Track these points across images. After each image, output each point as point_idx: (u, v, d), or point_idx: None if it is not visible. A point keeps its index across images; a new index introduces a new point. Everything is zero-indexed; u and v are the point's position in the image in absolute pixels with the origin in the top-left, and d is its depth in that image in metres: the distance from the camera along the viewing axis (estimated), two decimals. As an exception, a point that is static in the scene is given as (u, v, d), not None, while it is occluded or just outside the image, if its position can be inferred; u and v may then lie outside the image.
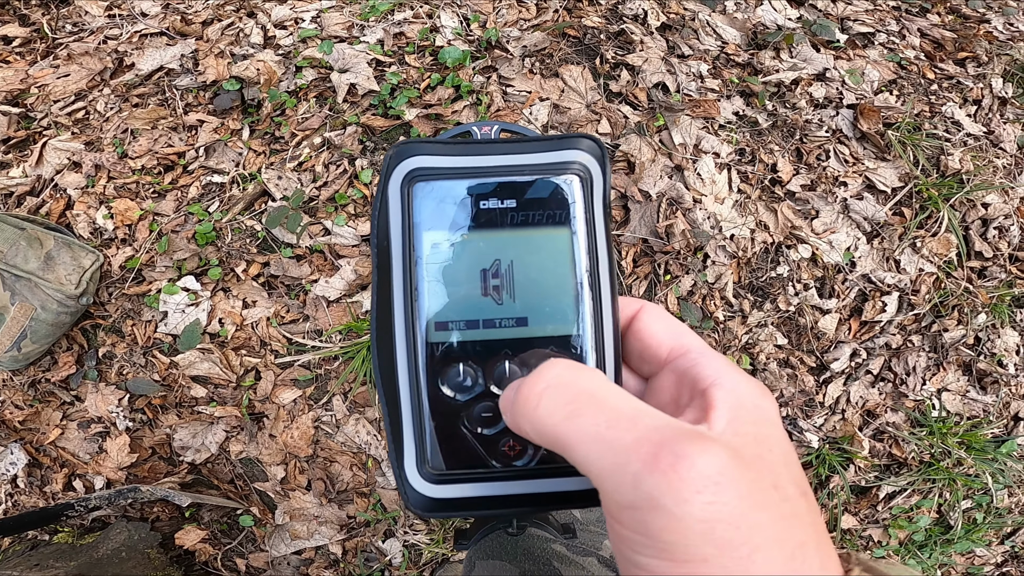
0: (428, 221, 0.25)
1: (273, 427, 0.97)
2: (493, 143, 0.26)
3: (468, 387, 0.24)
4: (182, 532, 0.92)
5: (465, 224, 0.25)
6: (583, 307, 0.25)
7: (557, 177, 0.25)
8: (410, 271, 0.25)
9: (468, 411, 0.24)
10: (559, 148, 0.26)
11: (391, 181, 0.26)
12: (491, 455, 0.24)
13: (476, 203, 0.25)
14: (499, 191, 0.25)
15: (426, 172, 0.25)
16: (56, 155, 1.00)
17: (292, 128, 1.05)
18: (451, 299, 0.24)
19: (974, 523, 1.29)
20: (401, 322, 0.25)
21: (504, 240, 0.25)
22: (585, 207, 0.25)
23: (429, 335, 0.24)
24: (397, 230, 0.25)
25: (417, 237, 0.25)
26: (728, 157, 1.15)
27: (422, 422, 0.24)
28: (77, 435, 0.93)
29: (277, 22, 1.15)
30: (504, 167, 0.26)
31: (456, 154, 0.26)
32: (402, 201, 0.25)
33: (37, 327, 0.88)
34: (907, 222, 1.25)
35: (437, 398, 0.24)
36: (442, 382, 0.24)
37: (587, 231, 0.25)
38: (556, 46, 1.18)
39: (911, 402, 1.28)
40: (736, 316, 1.12)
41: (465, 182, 0.25)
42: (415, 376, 0.24)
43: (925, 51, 1.44)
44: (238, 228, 0.99)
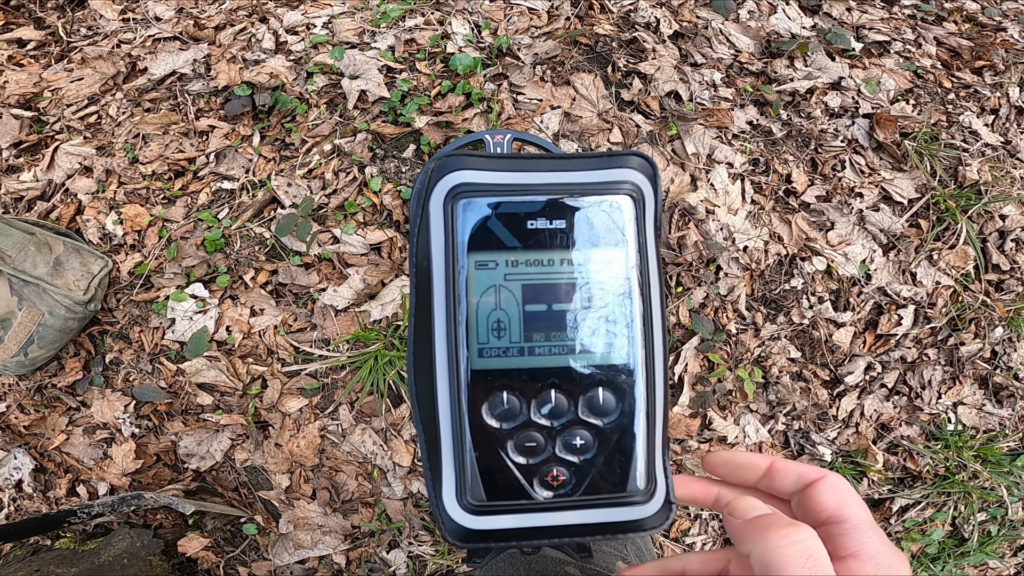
0: (473, 240, 0.23)
1: (279, 436, 0.95)
2: (541, 158, 0.24)
3: (512, 415, 0.23)
4: (185, 539, 0.90)
5: (512, 245, 0.23)
6: (634, 335, 0.23)
7: (609, 197, 0.24)
8: (453, 293, 0.23)
9: (511, 440, 0.23)
10: (610, 166, 0.24)
11: (433, 197, 0.24)
12: (533, 485, 0.23)
13: (524, 222, 0.23)
14: (549, 211, 0.23)
15: (471, 188, 0.24)
16: (68, 159, 0.99)
17: (302, 134, 1.03)
18: (495, 324, 0.23)
19: (988, 535, 1.26)
20: (443, 347, 0.23)
21: (553, 263, 0.23)
22: (637, 229, 0.24)
23: (473, 362, 0.23)
24: (439, 249, 0.24)
25: (461, 257, 0.23)
26: (742, 167, 1.12)
27: (463, 451, 0.23)
28: (82, 441, 0.91)
29: (289, 27, 1.14)
30: (554, 185, 0.24)
31: (503, 169, 0.24)
32: (445, 219, 0.24)
33: (44, 333, 0.87)
34: (924, 234, 1.21)
35: (479, 427, 0.23)
36: (485, 410, 0.23)
37: (639, 255, 0.24)
38: (567, 54, 1.16)
39: (926, 415, 1.24)
40: (749, 329, 1.09)
41: (513, 200, 0.23)
42: (457, 404, 0.23)
43: (942, 60, 1.40)
44: (247, 235, 0.97)
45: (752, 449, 1.15)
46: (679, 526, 1.12)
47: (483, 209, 0.23)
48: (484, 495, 0.23)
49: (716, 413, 1.10)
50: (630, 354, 0.23)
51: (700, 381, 1.09)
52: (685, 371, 1.06)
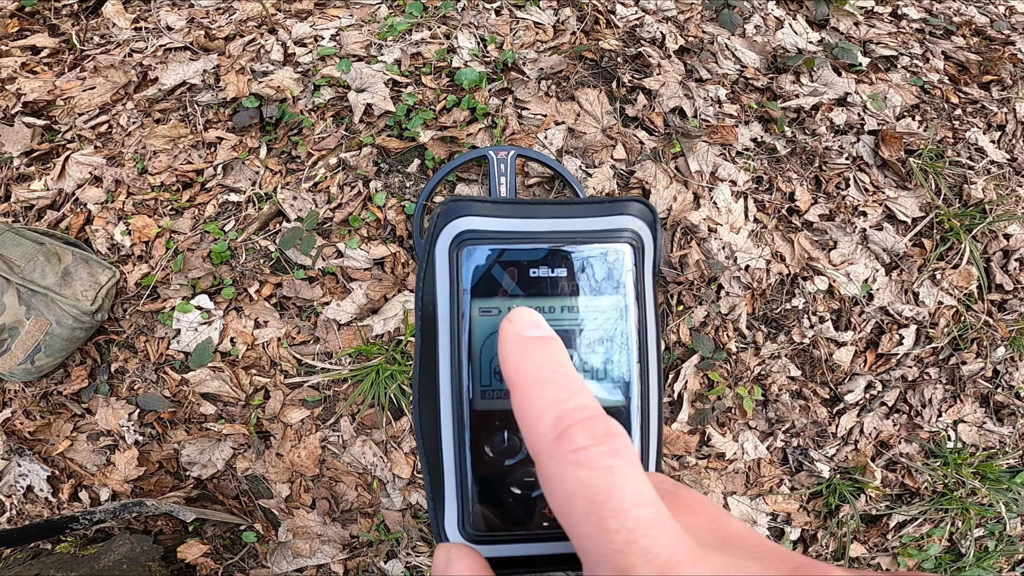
0: (476, 287, 0.24)
1: (280, 446, 0.95)
2: (544, 204, 0.25)
3: (512, 452, 0.24)
4: (184, 546, 0.91)
5: (514, 292, 0.24)
6: (632, 379, 0.24)
7: (609, 245, 0.25)
8: (457, 339, 0.24)
9: (511, 475, 0.24)
10: (611, 213, 0.25)
11: (439, 243, 0.25)
12: (532, 517, 0.24)
13: (526, 270, 0.24)
14: (550, 259, 0.24)
15: (475, 235, 0.24)
16: (79, 169, 0.99)
17: (308, 148, 1.03)
18: (498, 368, 0.24)
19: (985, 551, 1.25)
20: (447, 389, 0.24)
21: (554, 310, 0.24)
22: (636, 277, 0.25)
23: (475, 403, 0.24)
24: (444, 294, 0.25)
25: (465, 303, 0.24)
26: (745, 185, 1.11)
27: (465, 485, 0.24)
28: (86, 447, 0.92)
29: (297, 39, 1.14)
30: (555, 233, 0.25)
31: (506, 216, 0.25)
32: (450, 264, 0.24)
33: (51, 341, 0.87)
34: (927, 253, 1.20)
35: (481, 463, 0.24)
36: (487, 448, 0.24)
37: (637, 302, 0.25)
38: (573, 68, 1.15)
39: (926, 433, 1.23)
40: (749, 347, 1.08)
41: (516, 247, 0.24)
42: (460, 441, 0.24)
43: (949, 74, 1.38)
44: (252, 248, 0.97)
45: (750, 465, 1.15)
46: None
47: (487, 257, 0.24)
48: (484, 525, 0.24)
49: (715, 430, 1.10)
50: (626, 396, 0.24)
51: (699, 398, 1.08)
52: (685, 388, 1.06)
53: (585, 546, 0.15)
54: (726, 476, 1.13)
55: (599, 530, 0.15)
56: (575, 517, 0.15)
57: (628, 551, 0.14)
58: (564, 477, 0.16)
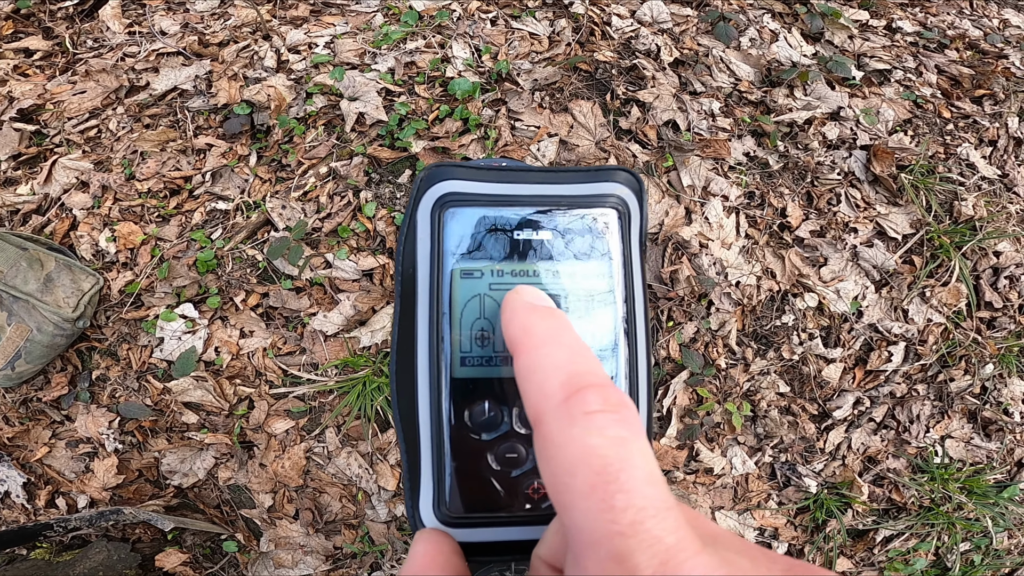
0: (459, 249, 0.22)
1: (264, 456, 0.92)
2: (529, 171, 0.24)
3: (493, 425, 0.21)
4: (163, 554, 0.88)
5: (498, 254, 0.22)
6: (618, 348, 0.23)
7: (594, 210, 0.23)
8: (437, 301, 0.22)
9: (492, 450, 0.21)
10: (596, 180, 0.24)
11: (421, 205, 0.23)
12: (514, 498, 0.21)
13: (510, 233, 0.23)
14: (535, 222, 0.23)
15: (459, 198, 0.23)
16: (65, 174, 0.96)
17: (299, 156, 1.00)
18: (480, 333, 0.22)
19: (971, 564, 1.23)
20: (425, 354, 0.22)
21: (537, 273, 0.22)
22: (623, 243, 0.23)
23: (454, 370, 0.22)
24: (425, 257, 0.23)
25: (446, 265, 0.22)
26: (737, 200, 1.08)
27: (442, 460, 0.22)
28: (65, 454, 0.89)
29: (291, 46, 1.11)
30: (540, 196, 0.23)
31: (491, 180, 0.23)
32: (432, 227, 0.23)
33: (32, 348, 0.84)
34: (917, 271, 1.17)
35: (459, 436, 0.22)
36: (466, 419, 0.22)
37: (624, 268, 0.23)
38: (567, 80, 1.12)
39: (913, 449, 1.21)
40: (738, 364, 1.05)
41: (500, 211, 0.23)
42: (437, 412, 0.22)
43: (942, 88, 1.35)
44: (239, 257, 0.94)
45: (738, 480, 1.12)
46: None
47: (470, 218, 0.23)
48: (461, 506, 0.22)
49: (703, 445, 1.07)
50: (614, 364, 0.23)
51: (688, 414, 1.05)
52: (674, 404, 1.03)
53: (580, 523, 0.13)
54: (714, 491, 1.10)
55: (603, 506, 0.13)
56: (575, 488, 0.13)
57: (631, 533, 0.12)
58: (570, 442, 0.14)
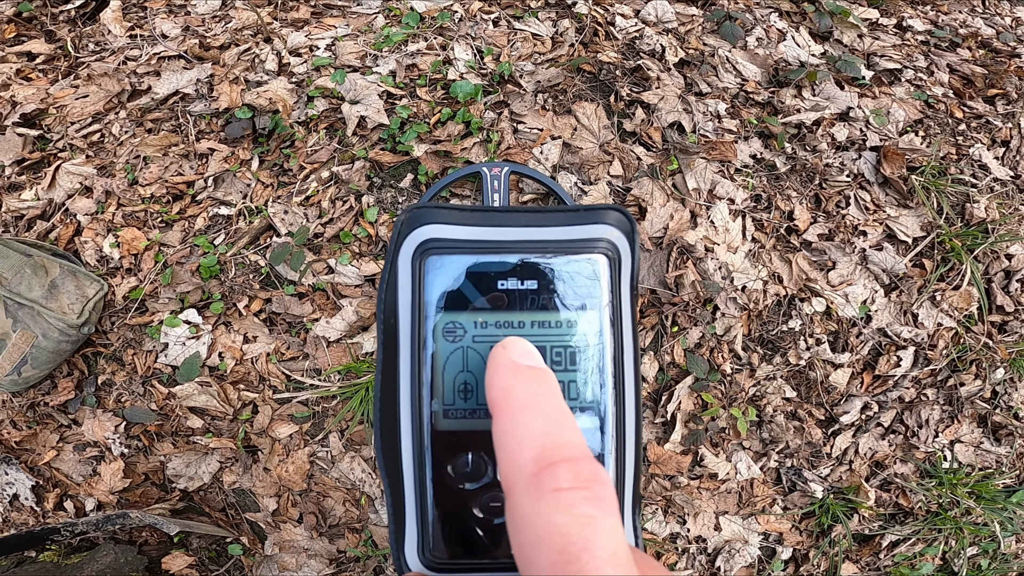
0: (441, 300, 0.21)
1: (268, 460, 0.92)
2: (514, 212, 0.22)
3: (476, 476, 0.21)
4: (169, 557, 0.88)
5: (481, 305, 0.21)
6: (605, 402, 0.21)
7: (583, 256, 0.22)
8: (418, 354, 0.21)
9: (475, 500, 0.21)
10: (585, 222, 0.22)
11: (402, 252, 0.22)
12: (497, 545, 0.21)
13: (494, 282, 0.22)
14: (519, 271, 0.22)
15: (440, 244, 0.22)
16: (69, 179, 0.96)
17: (301, 160, 0.99)
18: (462, 386, 0.21)
19: (978, 569, 1.21)
20: (407, 407, 0.22)
21: (523, 325, 0.22)
22: (611, 291, 0.22)
23: (437, 422, 0.21)
24: (406, 308, 0.22)
25: (428, 317, 0.21)
26: (743, 203, 1.05)
27: (425, 509, 0.21)
28: (72, 457, 0.89)
29: (292, 49, 1.09)
30: (525, 243, 0.22)
31: (474, 224, 0.22)
32: (413, 276, 0.22)
33: (38, 354, 0.84)
34: (927, 274, 1.14)
35: (443, 485, 0.21)
36: (449, 470, 0.21)
37: (612, 317, 0.22)
38: (570, 81, 1.10)
39: (922, 453, 1.18)
40: (744, 369, 1.03)
41: (484, 258, 0.22)
42: (420, 462, 0.22)
43: (954, 88, 1.31)
44: (242, 263, 0.93)
45: (743, 485, 1.10)
46: (666, 560, 1.07)
47: (452, 267, 0.22)
48: (446, 552, 0.21)
49: (708, 450, 1.05)
50: (600, 418, 0.22)
51: (693, 419, 1.03)
52: (678, 409, 1.01)
53: None
54: (718, 496, 1.09)
55: None
56: (538, 564, 0.13)
57: None
58: (536, 516, 0.14)
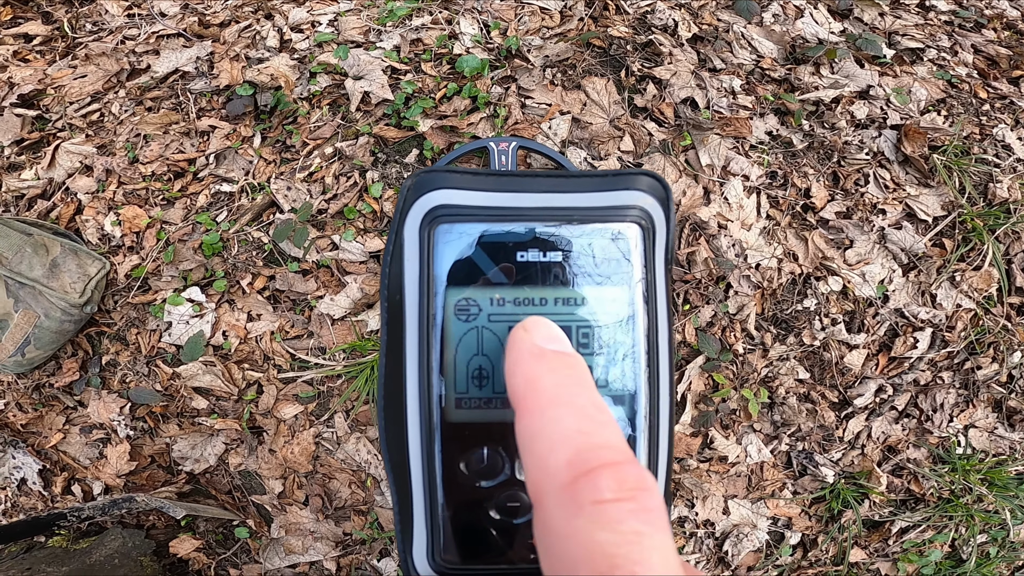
0: (452, 274, 0.19)
1: (273, 442, 0.90)
2: (535, 176, 0.20)
3: (492, 473, 0.19)
4: (177, 540, 0.87)
5: (498, 280, 0.19)
6: (639, 391, 0.19)
7: (613, 225, 0.19)
8: (427, 335, 0.19)
9: (491, 499, 0.19)
10: (615, 187, 0.20)
11: (408, 220, 0.19)
12: (515, 548, 0.19)
13: (513, 254, 0.19)
14: (541, 241, 0.19)
15: (452, 211, 0.19)
16: (68, 158, 0.93)
17: (303, 137, 0.96)
18: (476, 371, 0.19)
19: (987, 557, 1.18)
20: (415, 395, 0.19)
21: (545, 302, 0.19)
22: (645, 264, 0.19)
23: (448, 413, 0.19)
24: (413, 283, 0.19)
25: (438, 293, 0.19)
26: (758, 180, 1.02)
27: (435, 508, 0.19)
28: (79, 440, 0.87)
29: (294, 25, 1.06)
30: (548, 210, 0.19)
31: (490, 189, 0.19)
32: (421, 247, 0.19)
33: (41, 334, 0.82)
34: (947, 254, 1.10)
35: (455, 483, 0.19)
36: (462, 466, 0.19)
37: (646, 294, 0.19)
38: (579, 56, 1.06)
39: (935, 438, 1.15)
40: (757, 349, 1.00)
41: (501, 226, 0.19)
42: (429, 458, 0.19)
43: (978, 68, 1.26)
44: (245, 240, 0.91)
45: (753, 468, 1.07)
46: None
47: (465, 237, 0.19)
48: (458, 556, 0.19)
49: (718, 432, 1.03)
50: (631, 410, 0.19)
51: (703, 400, 1.01)
52: (689, 390, 0.98)
53: None
54: (728, 479, 1.06)
55: None
56: None
57: None
58: (574, 534, 0.12)
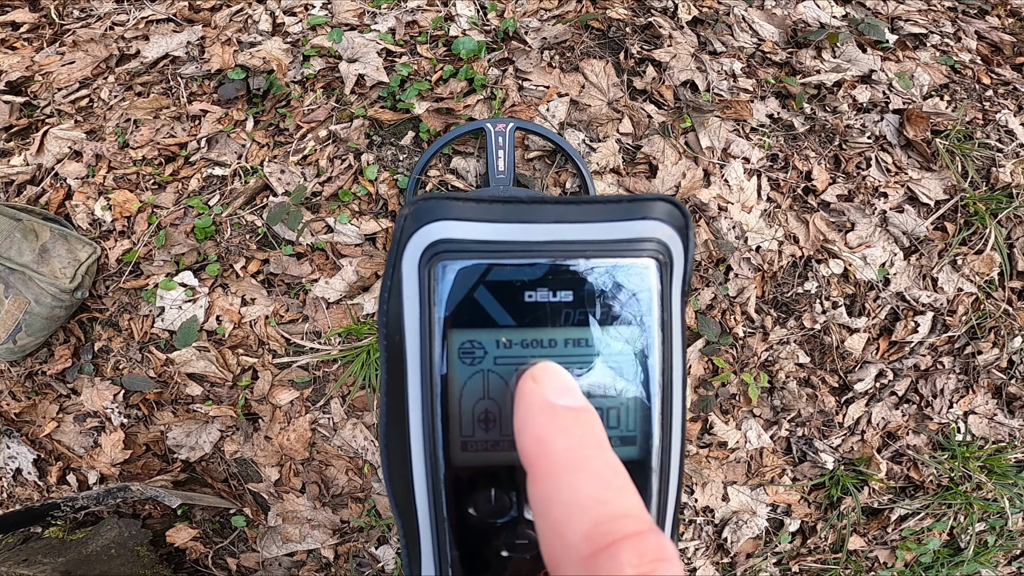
0: (455, 316, 0.18)
1: (269, 428, 0.88)
2: (544, 204, 0.18)
3: (501, 513, 0.19)
4: (173, 530, 0.85)
5: (505, 322, 0.18)
6: (653, 433, 0.19)
7: (627, 260, 0.18)
8: (430, 379, 0.18)
9: (499, 538, 0.19)
10: (630, 216, 0.18)
11: (406, 255, 0.18)
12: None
13: (520, 294, 0.18)
14: (551, 279, 0.18)
15: (454, 247, 0.18)
16: (57, 144, 0.91)
17: (297, 120, 0.94)
18: (483, 415, 0.18)
19: (985, 545, 1.17)
20: (419, 439, 0.19)
21: (555, 343, 0.18)
22: (661, 302, 0.19)
23: (455, 456, 0.18)
24: (414, 324, 0.18)
25: (440, 336, 0.18)
26: (759, 163, 1.00)
27: (443, 548, 0.19)
28: (73, 429, 0.86)
29: (287, 8, 1.04)
30: (558, 244, 0.18)
31: (494, 220, 0.18)
32: (421, 286, 0.18)
33: (32, 321, 0.80)
34: (949, 238, 1.08)
35: (463, 525, 0.19)
36: (469, 508, 0.19)
37: (662, 334, 0.19)
38: (578, 38, 1.04)
39: (935, 425, 1.14)
40: (757, 332, 0.99)
41: (507, 264, 0.18)
42: (436, 500, 0.19)
43: (982, 54, 1.24)
44: (238, 223, 0.89)
45: (752, 454, 1.06)
46: (675, 531, 1.04)
47: (468, 276, 0.18)
48: None
49: (718, 417, 1.01)
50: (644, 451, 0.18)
51: (703, 384, 0.99)
52: (688, 374, 0.97)
53: None
54: (727, 465, 1.05)
55: None
56: None
57: None
58: None
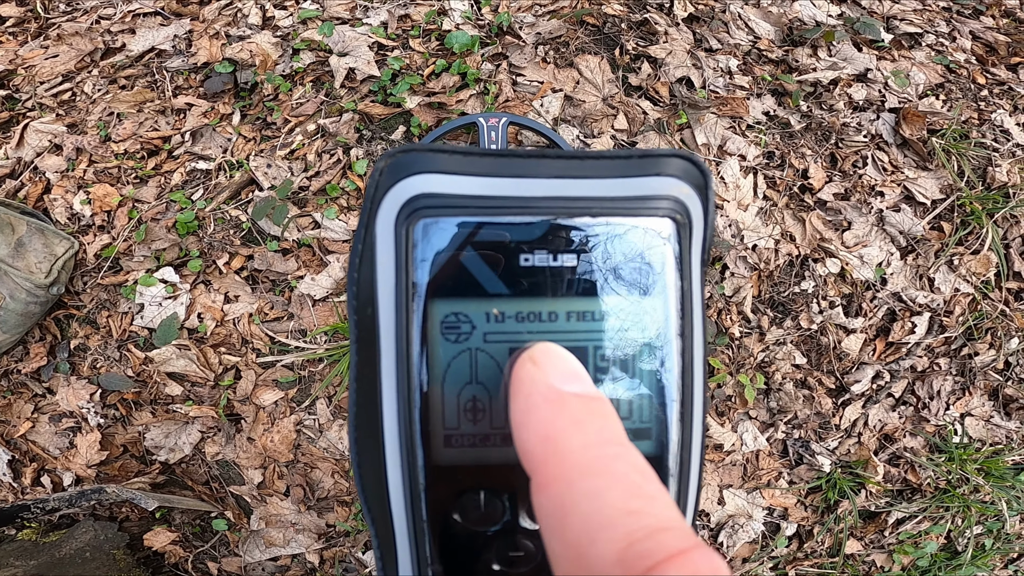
0: (438, 283, 0.15)
1: (252, 429, 0.85)
2: (543, 157, 0.15)
3: (491, 520, 0.16)
4: (151, 533, 0.82)
5: (496, 290, 0.15)
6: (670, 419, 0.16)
7: (640, 220, 0.16)
8: (407, 360, 0.15)
9: (489, 549, 0.16)
10: (643, 172, 0.16)
11: (381, 213, 0.15)
12: None
13: (515, 257, 0.15)
14: (551, 240, 0.15)
15: (436, 202, 0.14)
16: (37, 137, 0.88)
17: (285, 114, 0.91)
18: (469, 403, 0.16)
19: (982, 549, 1.15)
20: (394, 432, 0.15)
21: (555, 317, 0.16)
22: (680, 268, 0.16)
23: (437, 453, 0.15)
24: (388, 293, 0.15)
25: (419, 307, 0.15)
26: (755, 160, 0.98)
27: (424, 562, 0.16)
28: (48, 429, 0.82)
29: (277, 2, 1.01)
30: (559, 200, 0.15)
31: (485, 173, 0.15)
32: (397, 248, 0.15)
33: (6, 317, 0.77)
34: (946, 238, 1.06)
35: (447, 535, 0.16)
36: (454, 514, 0.16)
37: (680, 305, 0.16)
38: (573, 34, 1.02)
39: (932, 427, 1.11)
40: (753, 332, 0.96)
41: (499, 222, 0.15)
42: (414, 506, 0.16)
43: (976, 55, 1.23)
44: (222, 218, 0.86)
45: (749, 457, 1.03)
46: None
47: (454, 235, 0.15)
48: None
49: (713, 419, 0.99)
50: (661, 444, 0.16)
51: (698, 387, 0.96)
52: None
53: None
54: (723, 468, 1.02)
55: None
56: None
57: None
58: None
